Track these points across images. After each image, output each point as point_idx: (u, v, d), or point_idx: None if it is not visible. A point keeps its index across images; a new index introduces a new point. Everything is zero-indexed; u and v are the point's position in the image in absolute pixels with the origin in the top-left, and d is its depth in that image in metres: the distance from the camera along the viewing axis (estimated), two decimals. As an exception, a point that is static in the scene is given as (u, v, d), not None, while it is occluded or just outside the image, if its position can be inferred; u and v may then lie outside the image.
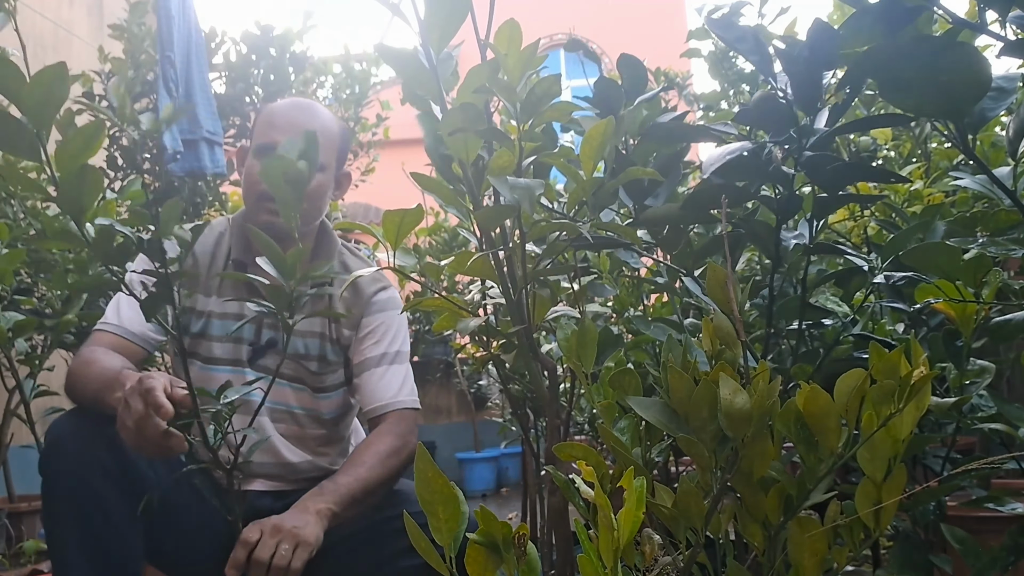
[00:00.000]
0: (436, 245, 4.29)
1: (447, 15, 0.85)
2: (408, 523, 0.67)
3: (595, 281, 1.59)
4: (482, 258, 0.94)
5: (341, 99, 4.74)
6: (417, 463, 0.65)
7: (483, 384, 5.07)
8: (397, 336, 1.54)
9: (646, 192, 1.10)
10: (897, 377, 0.70)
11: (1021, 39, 0.74)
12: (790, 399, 0.74)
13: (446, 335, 4.22)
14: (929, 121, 1.69)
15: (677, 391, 0.74)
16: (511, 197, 0.84)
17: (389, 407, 1.47)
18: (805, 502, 0.75)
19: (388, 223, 0.90)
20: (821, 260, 1.35)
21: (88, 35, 4.40)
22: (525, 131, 0.90)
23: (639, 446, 0.83)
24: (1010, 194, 0.90)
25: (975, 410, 1.12)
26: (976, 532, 1.08)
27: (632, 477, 0.62)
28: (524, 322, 0.98)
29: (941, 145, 1.95)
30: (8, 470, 2.83)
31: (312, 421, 1.54)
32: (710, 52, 2.68)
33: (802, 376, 1.10)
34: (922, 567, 1.04)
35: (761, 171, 0.96)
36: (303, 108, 1.51)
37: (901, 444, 0.73)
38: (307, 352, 1.51)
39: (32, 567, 2.39)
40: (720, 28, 0.93)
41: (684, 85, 3.06)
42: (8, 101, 0.81)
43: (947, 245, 0.91)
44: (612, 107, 1.08)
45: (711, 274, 0.81)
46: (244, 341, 1.50)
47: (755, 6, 2.33)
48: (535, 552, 0.65)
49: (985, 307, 1.02)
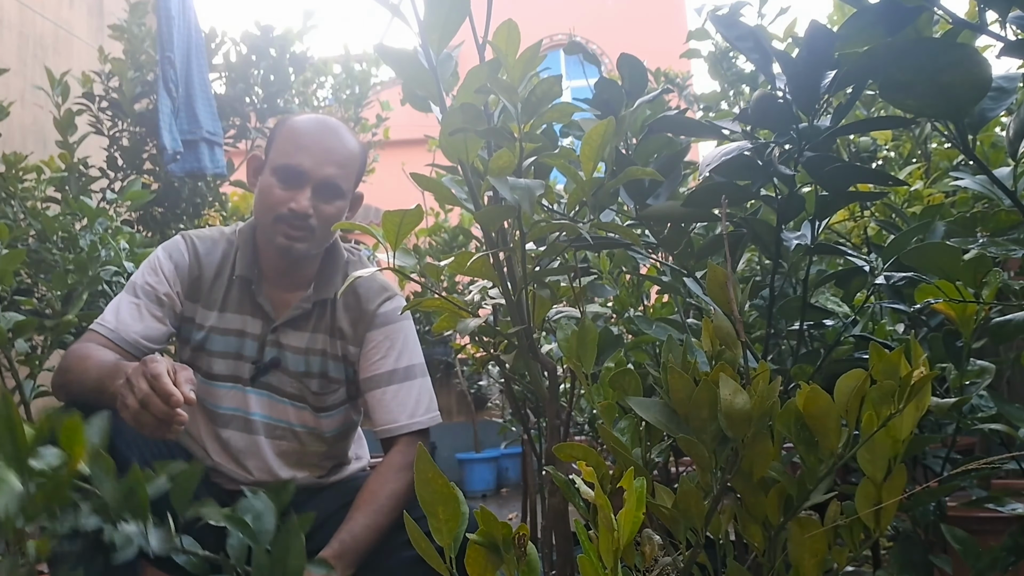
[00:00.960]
0: (436, 245, 4.30)
1: (447, 15, 0.85)
2: (408, 524, 0.67)
3: (595, 281, 1.59)
4: (482, 258, 0.94)
5: (341, 99, 4.75)
6: (417, 464, 0.65)
7: (483, 384, 5.07)
8: (406, 349, 1.49)
9: (647, 192, 1.10)
10: (897, 377, 0.70)
11: (1021, 39, 0.74)
12: (790, 399, 0.74)
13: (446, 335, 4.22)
14: (929, 121, 1.69)
15: (677, 391, 0.74)
16: (511, 197, 0.84)
17: (402, 429, 1.44)
18: (805, 502, 0.75)
19: (388, 223, 0.90)
20: (821, 260, 1.35)
21: (88, 35, 4.40)
22: (525, 132, 0.90)
23: (639, 446, 0.83)
24: (1010, 194, 0.90)
25: (975, 410, 1.12)
26: (976, 532, 1.08)
27: (632, 477, 0.62)
28: (524, 322, 0.98)
29: (941, 145, 1.95)
30: (8, 470, 2.83)
31: (313, 439, 1.52)
32: (710, 52, 2.68)
33: (802, 376, 1.10)
34: (922, 567, 1.04)
35: (762, 170, 0.96)
36: (332, 131, 1.43)
37: (901, 444, 0.73)
38: (309, 370, 1.48)
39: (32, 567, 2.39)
40: (723, 25, 0.94)
41: (684, 85, 3.06)
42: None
43: (947, 245, 0.91)
44: (612, 107, 1.08)
45: (711, 274, 0.81)
46: (246, 359, 1.47)
47: (755, 6, 2.34)
48: (535, 552, 0.65)
49: (985, 307, 1.02)
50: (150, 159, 3.38)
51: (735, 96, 2.62)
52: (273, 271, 1.49)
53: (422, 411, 1.47)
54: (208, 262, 1.49)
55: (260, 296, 1.47)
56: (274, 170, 1.41)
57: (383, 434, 1.45)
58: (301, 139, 1.41)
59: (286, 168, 1.40)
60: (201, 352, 1.48)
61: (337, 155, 1.42)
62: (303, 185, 1.39)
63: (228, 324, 1.47)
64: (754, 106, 0.92)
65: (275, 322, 1.47)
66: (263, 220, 1.43)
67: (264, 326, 1.48)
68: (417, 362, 1.50)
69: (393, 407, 1.45)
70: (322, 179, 1.40)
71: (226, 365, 1.47)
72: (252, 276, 1.47)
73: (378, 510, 1.34)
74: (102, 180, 3.28)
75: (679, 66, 3.35)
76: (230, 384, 1.47)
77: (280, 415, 1.49)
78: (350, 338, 1.49)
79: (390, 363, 1.47)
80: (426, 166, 1.20)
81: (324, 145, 1.41)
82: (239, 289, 1.49)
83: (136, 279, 1.46)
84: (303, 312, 1.48)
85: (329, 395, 1.51)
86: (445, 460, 5.01)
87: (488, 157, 0.94)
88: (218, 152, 3.40)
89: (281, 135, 1.44)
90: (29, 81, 3.88)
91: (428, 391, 1.50)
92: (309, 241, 1.42)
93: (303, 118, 1.47)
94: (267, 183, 1.42)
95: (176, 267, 1.47)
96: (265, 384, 1.48)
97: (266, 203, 1.42)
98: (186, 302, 1.48)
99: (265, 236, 1.45)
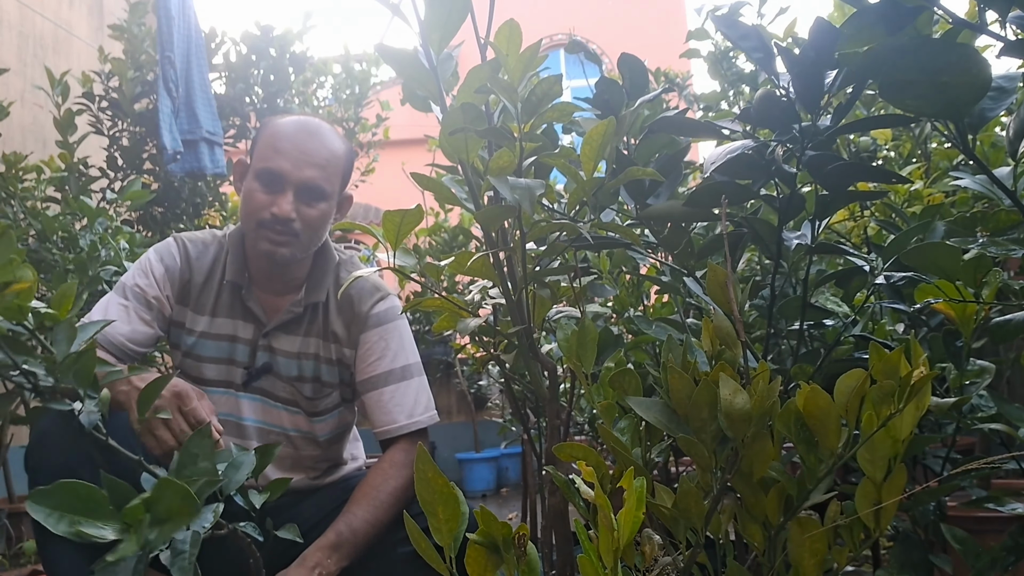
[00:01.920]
0: (436, 245, 4.30)
1: (447, 15, 0.85)
2: (408, 523, 0.67)
3: (595, 281, 1.59)
4: (482, 258, 0.94)
5: (341, 99, 4.75)
6: (417, 463, 0.65)
7: (483, 384, 5.07)
8: (401, 349, 1.47)
9: (647, 192, 1.10)
10: (897, 377, 0.70)
11: (1021, 39, 0.74)
12: (790, 399, 0.74)
13: (446, 335, 4.22)
14: (929, 121, 1.69)
15: (677, 391, 0.74)
16: (511, 197, 0.84)
17: (402, 430, 1.43)
18: (805, 502, 0.75)
19: (388, 223, 0.90)
20: (821, 260, 1.35)
21: (88, 35, 4.40)
22: (526, 132, 0.90)
23: (639, 446, 0.83)
24: (1010, 194, 0.90)
25: (975, 410, 1.12)
26: (976, 532, 1.08)
27: (632, 477, 0.62)
28: (524, 322, 0.98)
29: (941, 145, 1.95)
30: (8, 470, 2.83)
31: (307, 443, 1.51)
32: (710, 52, 2.68)
33: (802, 376, 1.10)
34: (922, 567, 1.04)
35: (764, 170, 0.96)
36: (311, 133, 1.41)
37: (901, 444, 0.73)
38: (301, 374, 1.47)
39: (32, 567, 2.39)
40: (725, 25, 0.94)
41: (684, 85, 3.06)
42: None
43: (947, 245, 0.91)
44: (613, 107, 1.08)
45: (711, 274, 0.81)
46: (238, 364, 1.46)
47: (754, 6, 2.34)
48: (535, 552, 0.65)
49: (985, 307, 1.02)
50: (150, 159, 3.38)
51: (735, 96, 2.62)
52: (262, 275, 1.48)
53: (421, 410, 1.46)
54: (199, 266, 1.48)
55: (251, 301, 1.46)
56: (256, 174, 1.39)
57: (383, 435, 1.44)
58: (280, 142, 1.39)
59: (267, 172, 1.38)
60: (192, 357, 1.46)
61: (317, 156, 1.39)
62: (284, 189, 1.37)
63: (219, 329, 1.46)
64: (757, 105, 0.92)
65: (266, 326, 1.46)
66: (247, 226, 1.42)
67: (255, 331, 1.47)
68: (413, 361, 1.49)
69: (391, 408, 1.44)
70: (302, 181, 1.38)
71: (217, 370, 1.46)
72: (242, 281, 1.46)
73: (378, 505, 1.33)
74: (102, 180, 3.28)
75: (679, 66, 3.36)
76: (222, 389, 1.46)
77: (273, 420, 1.48)
78: (344, 341, 1.47)
79: (386, 364, 1.46)
80: (426, 166, 1.20)
81: (303, 147, 1.38)
82: (229, 293, 1.47)
83: (126, 280, 1.44)
84: (295, 316, 1.47)
85: (323, 399, 1.50)
86: (445, 460, 5.01)
87: (488, 157, 0.94)
88: (218, 152, 3.40)
89: (262, 139, 1.42)
90: (29, 81, 3.88)
91: (425, 390, 1.49)
92: (294, 246, 1.40)
93: (283, 120, 1.44)
94: (249, 188, 1.40)
95: (167, 270, 1.45)
96: (257, 389, 1.47)
97: (249, 208, 1.40)
98: (176, 306, 1.47)
99: (250, 242, 1.43)
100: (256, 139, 1.45)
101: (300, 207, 1.39)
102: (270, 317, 1.48)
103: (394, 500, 1.35)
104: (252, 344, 1.47)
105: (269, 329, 1.46)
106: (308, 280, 1.49)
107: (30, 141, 3.80)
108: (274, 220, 1.37)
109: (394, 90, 3.49)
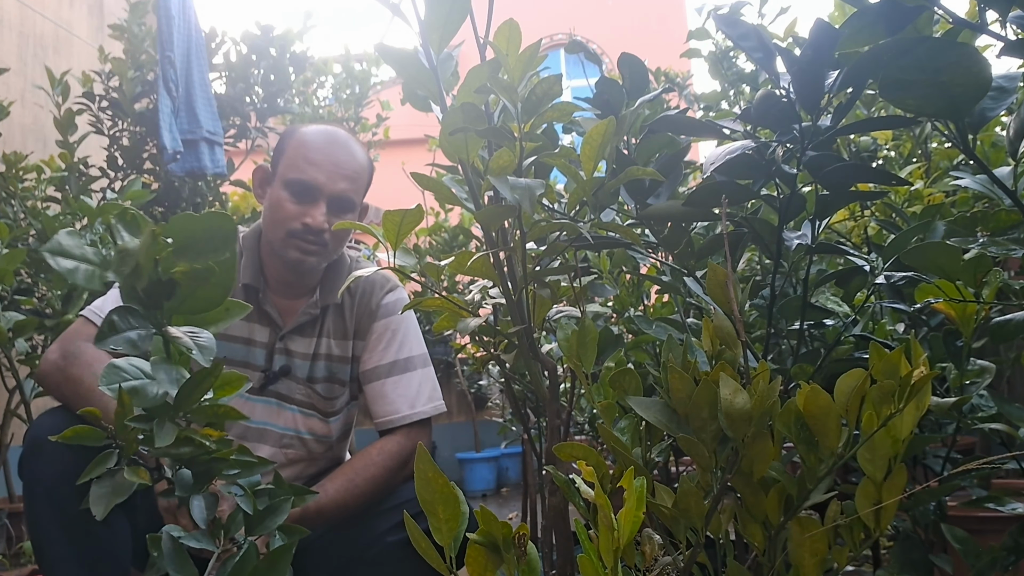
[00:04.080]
0: (436, 245, 4.30)
1: (447, 15, 0.85)
2: (408, 524, 0.67)
3: (595, 281, 1.60)
4: (482, 258, 0.94)
5: (341, 99, 4.75)
6: (417, 463, 0.65)
7: (483, 384, 5.08)
8: (407, 340, 1.49)
9: (647, 192, 1.10)
10: (897, 377, 0.70)
11: (1021, 39, 0.74)
12: (790, 399, 0.74)
13: (446, 335, 4.22)
14: (929, 121, 1.69)
15: (677, 391, 0.74)
16: (512, 197, 0.84)
17: (404, 420, 1.43)
18: (805, 502, 0.75)
19: (388, 223, 0.90)
20: (821, 260, 1.35)
21: (88, 35, 4.40)
22: (526, 131, 0.90)
23: (639, 446, 0.83)
24: (1010, 194, 0.90)
25: (975, 410, 1.12)
26: (976, 532, 1.08)
27: (632, 477, 0.62)
28: (524, 322, 0.97)
29: (941, 145, 1.95)
30: (8, 470, 2.83)
31: (318, 444, 1.51)
32: (710, 52, 2.68)
33: (802, 376, 1.10)
34: (922, 567, 1.04)
35: (764, 170, 0.96)
36: (342, 145, 1.43)
37: (901, 444, 0.73)
38: (316, 375, 1.48)
39: (32, 567, 2.39)
40: (726, 24, 0.93)
41: (684, 85, 3.06)
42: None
43: (947, 245, 0.91)
44: (613, 107, 1.08)
45: (711, 274, 0.81)
46: (254, 367, 1.45)
47: (755, 6, 2.34)
48: (535, 552, 0.65)
49: (985, 307, 1.02)
50: (150, 159, 3.38)
51: (735, 96, 2.62)
52: (278, 280, 1.48)
53: (424, 400, 1.45)
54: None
55: (267, 304, 1.47)
56: (286, 184, 1.40)
57: (383, 426, 1.44)
58: (312, 154, 1.40)
59: (299, 183, 1.39)
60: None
61: (349, 169, 1.41)
62: (317, 200, 1.39)
63: (234, 332, 1.45)
64: (757, 105, 0.92)
65: (283, 329, 1.47)
66: (275, 234, 1.42)
67: (272, 334, 1.47)
68: (418, 353, 1.50)
69: (394, 397, 1.44)
70: (335, 194, 1.40)
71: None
72: (258, 285, 1.46)
73: (351, 488, 1.32)
74: (102, 180, 3.28)
75: (679, 66, 3.36)
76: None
77: (288, 423, 1.48)
78: (356, 334, 1.49)
79: (391, 354, 1.47)
80: (426, 166, 1.20)
81: (336, 159, 1.40)
82: (244, 297, 1.46)
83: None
84: (311, 318, 1.48)
85: (336, 399, 1.51)
86: (445, 460, 5.01)
87: (488, 157, 0.94)
88: (218, 152, 3.40)
89: (291, 148, 1.43)
90: (29, 81, 3.88)
91: (431, 380, 1.49)
92: (322, 255, 1.43)
93: (313, 130, 1.45)
94: (278, 197, 1.40)
95: None
96: (273, 392, 1.47)
97: (277, 217, 1.40)
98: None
99: (275, 249, 1.43)
100: (281, 147, 1.45)
101: (330, 218, 1.41)
102: (286, 320, 1.48)
103: (371, 488, 1.34)
104: (269, 347, 1.47)
105: (285, 332, 1.47)
106: (323, 282, 1.50)
107: (30, 141, 3.80)
108: (306, 230, 1.39)
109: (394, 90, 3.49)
